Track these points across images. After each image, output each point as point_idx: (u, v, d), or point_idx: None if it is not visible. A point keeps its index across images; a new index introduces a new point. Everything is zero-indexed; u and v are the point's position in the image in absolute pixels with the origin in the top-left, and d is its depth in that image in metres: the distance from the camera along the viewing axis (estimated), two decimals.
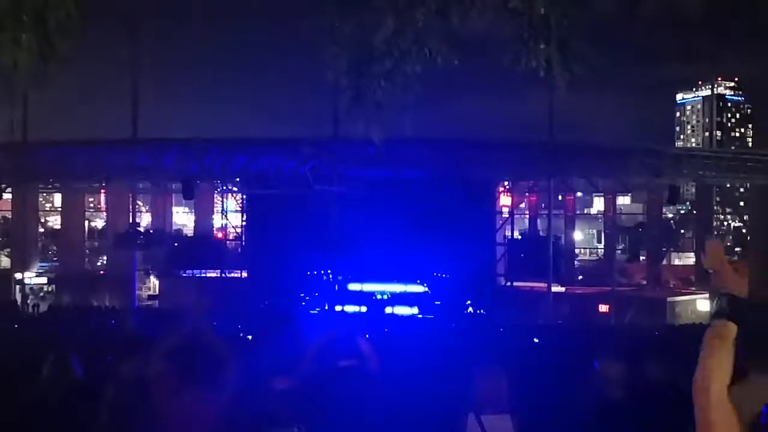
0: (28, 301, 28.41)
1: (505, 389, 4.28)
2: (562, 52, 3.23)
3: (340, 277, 28.58)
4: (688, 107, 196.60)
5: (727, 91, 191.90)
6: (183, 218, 38.86)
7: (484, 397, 4.26)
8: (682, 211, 46.28)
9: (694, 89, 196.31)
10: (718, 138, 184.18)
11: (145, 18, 25.69)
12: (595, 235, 43.39)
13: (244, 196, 30.44)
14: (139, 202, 32.65)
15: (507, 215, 30.68)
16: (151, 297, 31.30)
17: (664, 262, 31.60)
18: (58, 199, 35.88)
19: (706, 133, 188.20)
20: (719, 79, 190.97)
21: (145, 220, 34.74)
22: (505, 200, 30.75)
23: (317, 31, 3.50)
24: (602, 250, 35.87)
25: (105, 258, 32.56)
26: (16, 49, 2.69)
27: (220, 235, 32.56)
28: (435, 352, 10.27)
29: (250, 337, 17.99)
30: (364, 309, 28.82)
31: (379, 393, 3.97)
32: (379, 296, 29.49)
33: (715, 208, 33.30)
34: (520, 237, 31.76)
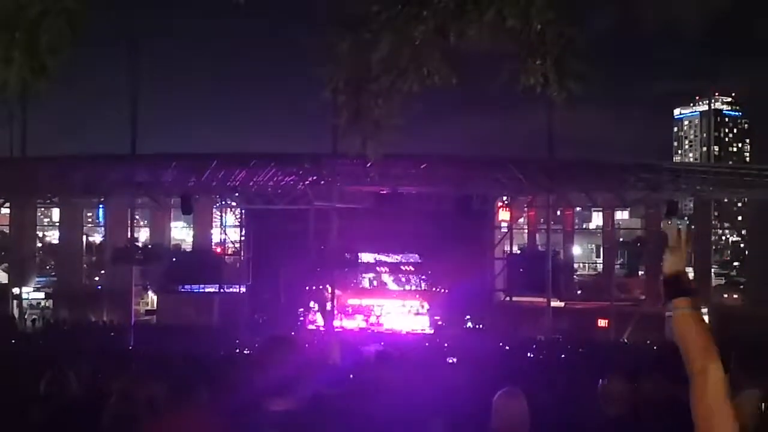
0: (26, 316, 28.33)
1: (526, 412, 4.11)
2: (558, 69, 3.24)
3: (338, 292, 28.54)
4: (686, 122, 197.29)
5: (725, 107, 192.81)
6: (181, 233, 38.74)
7: (505, 422, 4.08)
8: (681, 226, 46.24)
9: (691, 104, 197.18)
10: (716, 153, 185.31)
11: (145, 35, 25.83)
12: (594, 250, 43.39)
13: (243, 211, 30.44)
14: (138, 217, 32.60)
15: (506, 230, 30.67)
16: (148, 312, 31.18)
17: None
18: (56, 214, 35.86)
19: (704, 148, 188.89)
20: (717, 94, 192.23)
21: (143, 235, 34.69)
22: (504, 215, 30.76)
23: (315, 49, 3.52)
24: (601, 265, 35.80)
25: (103, 273, 32.47)
26: (6, 68, 2.70)
27: (218, 250, 32.48)
28: (437, 369, 10.24)
29: (247, 351, 17.96)
30: (363, 324, 28.77)
31: (382, 416, 3.92)
32: (378, 311, 29.45)
33: (713, 222, 33.30)
34: (519, 252, 31.74)
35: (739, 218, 42.61)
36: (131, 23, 24.66)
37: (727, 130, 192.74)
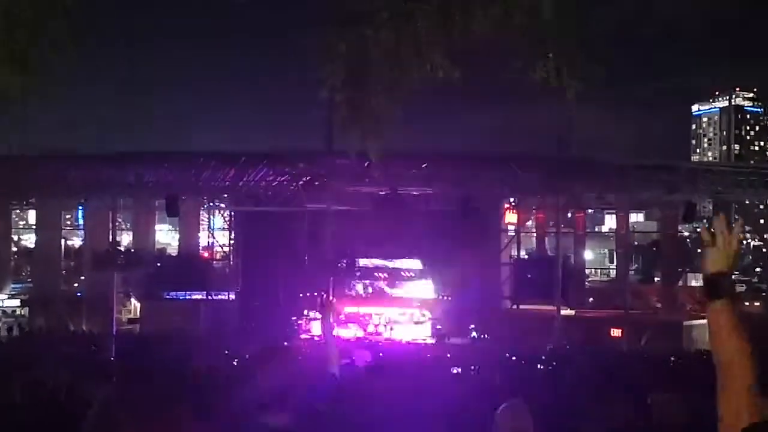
0: (1, 324, 28.31)
1: (531, 427, 4.11)
2: (570, 61, 3.27)
3: (334, 299, 28.52)
4: (705, 119, 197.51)
5: (746, 102, 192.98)
6: (167, 237, 38.74)
7: None
8: (699, 230, 46.34)
9: (711, 100, 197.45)
10: (737, 151, 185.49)
11: (129, 27, 25.78)
12: (607, 255, 43.36)
13: (232, 213, 30.43)
14: (120, 220, 32.58)
15: (513, 233, 30.67)
16: (131, 321, 31.13)
17: (680, 283, 31.56)
18: (32, 216, 35.81)
19: (724, 147, 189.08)
20: (738, 89, 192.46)
21: (125, 238, 34.66)
22: (510, 217, 30.76)
23: (313, 44, 3.54)
24: (614, 271, 35.83)
25: (82, 279, 32.44)
26: (9, 68, 2.75)
27: (206, 254, 32.47)
28: (440, 382, 10.25)
29: (236, 362, 17.95)
30: (360, 333, 28.77)
31: (380, 429, 3.93)
32: (376, 320, 29.45)
33: (733, 226, 33.29)
34: (526, 257, 31.76)
35: (762, 221, 42.66)
36: (118, 15, 24.69)
37: (748, 128, 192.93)
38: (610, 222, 44.16)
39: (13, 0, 2.74)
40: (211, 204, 31.23)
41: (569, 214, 32.88)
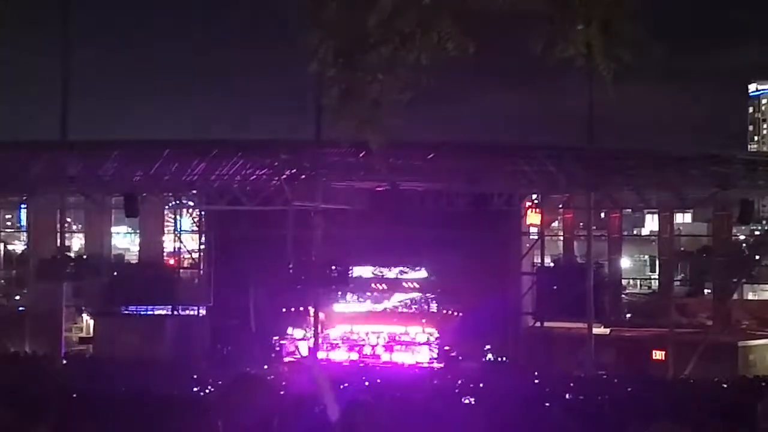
0: None
1: None
2: (605, 35, 3.25)
3: (324, 316, 28.54)
4: (765, 101, 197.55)
5: None
6: (124, 241, 38.78)
7: None
8: (758, 232, 46.36)
9: None
10: None
11: None
12: (648, 263, 43.42)
13: (203, 213, 30.43)
14: (70, 221, 32.57)
15: (536, 237, 30.68)
16: (83, 341, 31.17)
17: (735, 296, 31.58)
18: None
19: None
20: None
21: (76, 243, 34.64)
22: (533, 218, 30.79)
23: (298, 12, 3.51)
24: (656, 282, 35.86)
25: (25, 292, 32.44)
26: None
27: (171, 262, 32.49)
28: (448, 413, 10.24)
29: (208, 390, 17.99)
30: (354, 356, 28.77)
31: None
32: (373, 340, 29.46)
33: None
34: (552, 265, 31.78)
35: None
36: None
37: None
38: (651, 224, 44.18)
39: None
40: (178, 202, 31.22)
41: (603, 215, 32.88)
